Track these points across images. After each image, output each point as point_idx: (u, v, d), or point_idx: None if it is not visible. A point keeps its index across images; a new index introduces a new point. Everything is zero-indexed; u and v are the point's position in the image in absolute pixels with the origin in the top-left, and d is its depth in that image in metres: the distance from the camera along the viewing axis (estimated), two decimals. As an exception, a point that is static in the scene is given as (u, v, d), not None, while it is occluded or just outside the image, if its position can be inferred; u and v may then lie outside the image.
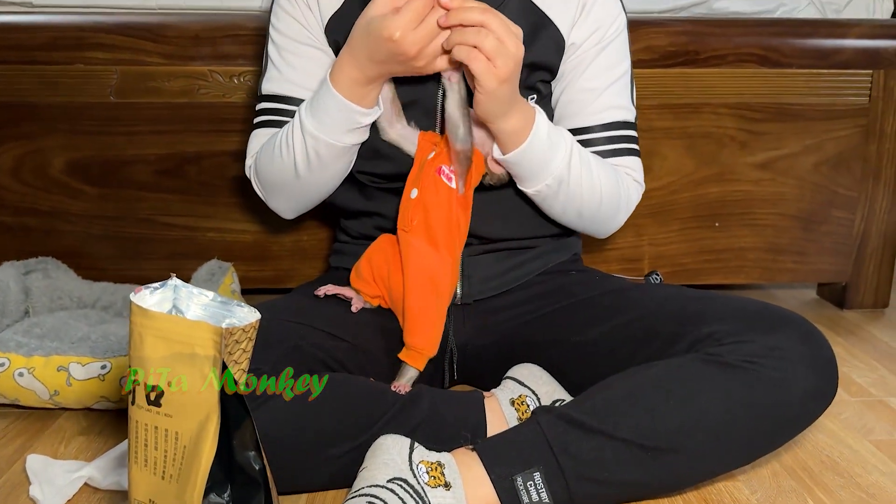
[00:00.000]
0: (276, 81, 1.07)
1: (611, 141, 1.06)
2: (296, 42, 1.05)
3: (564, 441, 0.84)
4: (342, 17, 1.03)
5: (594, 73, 1.05)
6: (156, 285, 0.69)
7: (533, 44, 1.01)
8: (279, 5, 1.07)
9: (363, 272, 1.02)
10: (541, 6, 1.02)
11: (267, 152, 1.05)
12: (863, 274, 1.56)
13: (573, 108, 1.06)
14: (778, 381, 0.84)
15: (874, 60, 1.46)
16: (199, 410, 0.61)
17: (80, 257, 1.45)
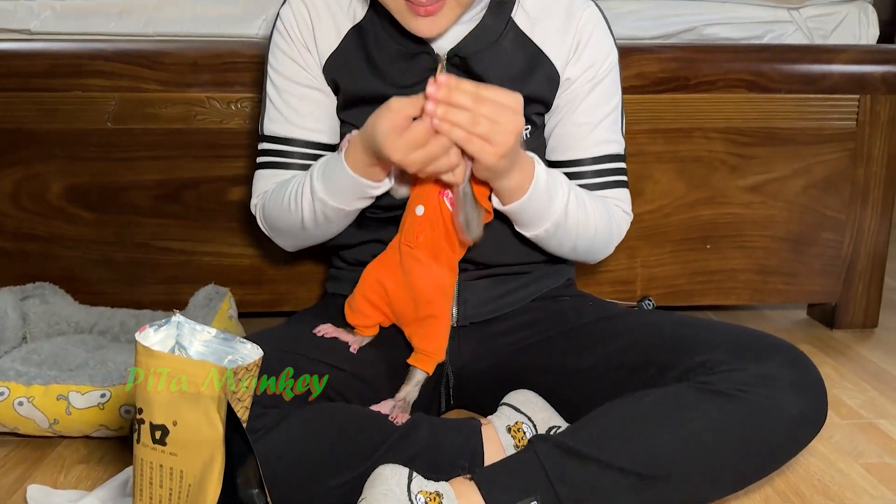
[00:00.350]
0: (277, 122, 1.08)
1: (601, 174, 1.09)
2: (295, 83, 1.07)
3: (561, 470, 0.85)
4: (340, 56, 1.05)
5: (587, 109, 1.07)
6: (159, 322, 0.70)
7: (529, 79, 1.04)
8: (277, 46, 1.08)
9: (358, 306, 1.03)
10: (537, 42, 1.05)
11: (275, 201, 1.07)
12: (852, 294, 1.58)
13: (566, 141, 1.08)
14: (768, 408, 0.86)
15: (861, 85, 1.49)
16: (204, 449, 0.62)
17: (77, 282, 1.45)
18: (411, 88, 1.03)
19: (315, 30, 1.06)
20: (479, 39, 1.02)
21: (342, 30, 1.05)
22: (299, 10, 1.06)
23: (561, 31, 1.05)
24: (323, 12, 1.06)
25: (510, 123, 0.86)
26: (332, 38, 1.05)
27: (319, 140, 1.09)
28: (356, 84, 1.05)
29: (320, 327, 1.04)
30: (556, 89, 1.07)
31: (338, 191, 0.98)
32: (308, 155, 1.09)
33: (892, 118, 1.51)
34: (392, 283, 1.01)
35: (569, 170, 1.10)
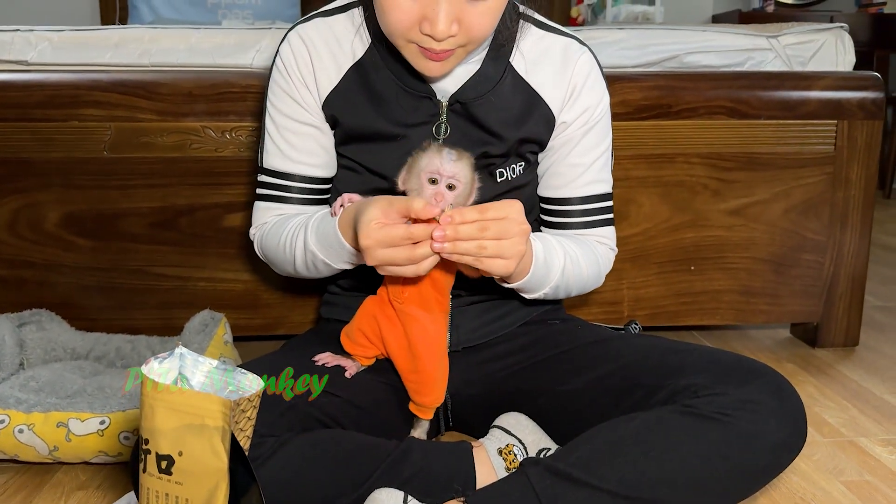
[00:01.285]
0: (275, 157, 1.11)
1: (589, 213, 1.14)
2: (293, 121, 1.10)
3: (553, 494, 0.88)
4: (340, 93, 1.07)
5: (581, 152, 1.11)
6: (163, 355, 0.73)
7: (526, 121, 1.08)
8: (276, 83, 1.10)
9: (356, 338, 1.06)
10: (534, 86, 1.08)
11: (272, 240, 1.10)
12: (833, 314, 1.62)
13: (558, 181, 1.13)
14: (751, 433, 0.89)
15: (838, 111, 1.54)
16: (209, 479, 0.65)
17: (73, 308, 1.47)
18: (413, 128, 1.06)
19: (315, 67, 1.07)
20: (479, 86, 1.06)
21: (342, 67, 1.07)
22: (298, 48, 1.08)
23: (557, 76, 1.09)
24: (322, 50, 1.07)
25: (517, 236, 0.90)
26: (333, 75, 1.07)
27: (316, 175, 1.12)
28: (357, 121, 1.07)
29: (319, 356, 1.07)
30: (552, 131, 1.10)
31: (328, 251, 1.01)
32: (306, 189, 1.12)
33: (869, 143, 1.56)
34: (389, 331, 1.03)
35: (559, 207, 1.14)
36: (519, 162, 1.10)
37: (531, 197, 1.14)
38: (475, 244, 0.88)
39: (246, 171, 1.44)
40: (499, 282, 1.04)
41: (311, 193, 1.12)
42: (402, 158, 1.05)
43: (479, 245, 0.88)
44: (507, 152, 1.09)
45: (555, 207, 1.15)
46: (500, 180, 1.09)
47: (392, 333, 1.03)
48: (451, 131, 1.06)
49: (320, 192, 1.13)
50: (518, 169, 1.10)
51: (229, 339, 1.36)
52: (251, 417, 0.69)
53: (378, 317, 1.03)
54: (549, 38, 1.10)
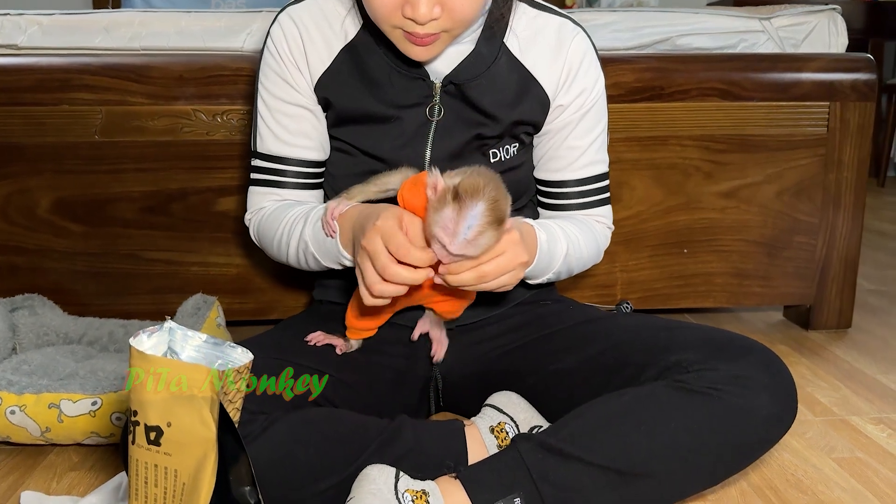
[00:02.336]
0: (269, 141, 1.11)
1: (587, 194, 1.14)
2: (286, 103, 1.09)
3: (544, 468, 0.88)
4: (332, 75, 1.07)
5: (578, 134, 1.11)
6: (152, 329, 0.72)
7: (520, 102, 1.07)
8: (267, 65, 1.10)
9: (362, 314, 1.03)
10: (528, 66, 1.08)
11: (269, 230, 1.10)
12: (826, 296, 1.63)
13: (556, 164, 1.13)
14: (741, 407, 0.89)
15: (831, 93, 1.54)
16: (198, 449, 0.65)
17: (66, 294, 1.47)
18: (406, 110, 1.06)
19: (306, 49, 1.07)
20: (473, 67, 1.05)
21: (334, 49, 1.07)
22: (290, 29, 1.07)
23: (551, 58, 1.08)
24: (314, 31, 1.07)
25: (515, 266, 0.89)
26: (324, 56, 1.07)
27: (311, 157, 1.11)
28: (349, 103, 1.07)
29: (311, 335, 1.07)
30: (547, 112, 1.10)
31: (324, 252, 1.02)
32: (301, 173, 1.12)
33: (862, 124, 1.56)
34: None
35: (556, 189, 1.15)
36: (513, 143, 1.10)
37: (525, 178, 1.14)
38: (474, 277, 0.87)
39: (238, 154, 1.44)
40: None
41: (306, 177, 1.12)
42: (395, 140, 1.05)
43: (480, 276, 0.87)
44: (501, 133, 1.08)
45: (552, 190, 1.14)
46: (494, 161, 1.09)
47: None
48: (445, 113, 1.06)
49: (315, 175, 1.13)
50: (512, 150, 1.10)
51: (222, 322, 1.36)
52: (240, 389, 0.69)
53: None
54: (543, 18, 1.09)
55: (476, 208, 0.84)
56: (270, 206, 1.12)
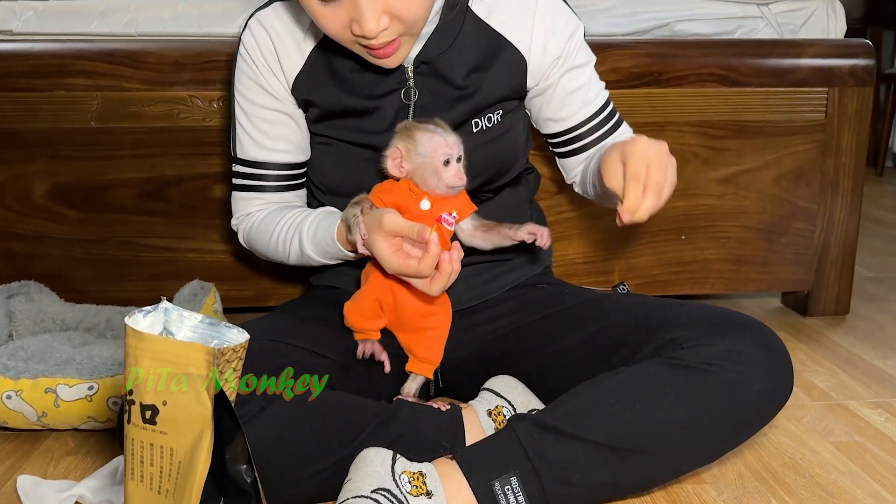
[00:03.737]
0: (248, 146, 1.11)
1: (602, 124, 1.15)
2: (263, 108, 1.09)
3: (539, 446, 0.88)
4: (307, 76, 1.07)
5: (578, 73, 1.11)
6: (147, 309, 0.72)
7: (492, 65, 1.06)
8: (242, 72, 1.10)
9: (366, 310, 1.04)
10: (496, 28, 1.07)
11: (262, 238, 1.12)
12: (824, 283, 1.63)
13: (567, 110, 1.13)
14: (735, 382, 0.89)
15: (829, 78, 1.54)
16: (194, 427, 0.65)
17: (62, 280, 1.47)
18: (383, 98, 1.06)
19: (278, 53, 1.07)
20: (440, 42, 1.05)
21: (305, 50, 1.07)
22: (260, 34, 1.07)
23: (521, 16, 1.07)
24: (283, 34, 1.07)
25: (668, 160, 0.94)
26: (297, 58, 1.07)
27: (290, 160, 1.12)
28: (327, 100, 1.07)
29: (363, 348, 1.05)
30: (524, 71, 1.09)
31: (325, 254, 1.06)
32: (281, 176, 1.13)
33: (860, 110, 1.55)
34: (401, 293, 1.03)
35: (574, 134, 1.15)
36: (496, 110, 1.09)
37: (514, 145, 1.13)
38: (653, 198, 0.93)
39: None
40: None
41: (286, 180, 1.13)
42: (377, 128, 1.06)
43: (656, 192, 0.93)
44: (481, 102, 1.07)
45: (572, 135, 1.14)
46: (476, 130, 1.08)
47: (402, 293, 1.02)
48: (421, 93, 1.06)
49: (295, 177, 1.14)
50: (495, 117, 1.09)
51: (219, 309, 1.35)
52: (236, 369, 0.69)
53: (390, 281, 1.02)
54: None
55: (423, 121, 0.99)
56: (257, 212, 1.14)
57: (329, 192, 1.13)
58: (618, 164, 0.93)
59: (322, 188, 1.14)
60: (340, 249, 1.02)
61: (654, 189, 0.91)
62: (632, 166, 0.91)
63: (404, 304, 1.03)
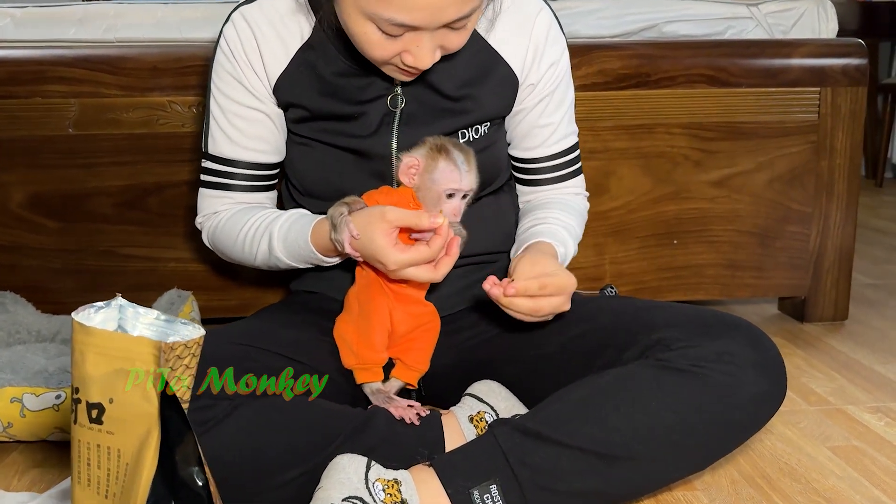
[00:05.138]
0: (220, 143, 1.08)
1: (561, 167, 1.13)
2: (240, 105, 1.06)
3: (520, 452, 0.84)
4: (290, 77, 1.03)
5: (551, 110, 1.09)
6: (100, 304, 0.69)
7: (484, 81, 1.04)
8: (221, 66, 1.06)
9: (377, 341, 0.99)
10: (494, 45, 1.04)
11: (228, 237, 1.07)
12: (821, 288, 1.59)
13: (530, 142, 1.11)
14: (727, 385, 0.85)
15: (821, 78, 1.51)
16: (140, 425, 0.61)
17: (39, 291, 1.44)
18: (369, 104, 1.02)
19: (262, 51, 1.03)
20: None
21: (290, 49, 1.03)
22: (243, 30, 1.03)
23: (517, 34, 1.05)
24: (268, 32, 1.03)
25: (565, 305, 0.94)
26: (281, 58, 1.03)
27: (264, 161, 1.09)
28: (310, 103, 1.04)
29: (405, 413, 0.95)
30: (516, 93, 1.07)
31: (297, 258, 1.02)
32: (251, 176, 1.09)
33: (854, 110, 1.52)
34: (393, 305, 0.99)
35: (531, 165, 1.13)
36: (483, 123, 1.07)
37: (499, 157, 1.11)
38: (529, 307, 0.92)
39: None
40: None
41: (256, 180, 1.09)
42: (360, 133, 1.03)
43: (535, 308, 0.92)
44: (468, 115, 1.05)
45: (528, 166, 1.13)
46: (463, 141, 1.05)
47: (400, 315, 1.00)
48: (408, 101, 1.03)
49: (267, 177, 1.11)
50: (483, 129, 1.07)
51: (196, 317, 1.32)
52: (190, 366, 0.66)
53: (385, 295, 0.99)
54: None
55: (457, 148, 0.97)
56: (224, 211, 1.10)
57: (307, 195, 1.10)
58: (529, 268, 0.93)
59: (301, 189, 1.11)
60: (313, 252, 0.98)
61: (534, 310, 0.92)
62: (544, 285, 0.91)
63: (398, 324, 1.00)
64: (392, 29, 0.87)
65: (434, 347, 1.04)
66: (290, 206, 1.12)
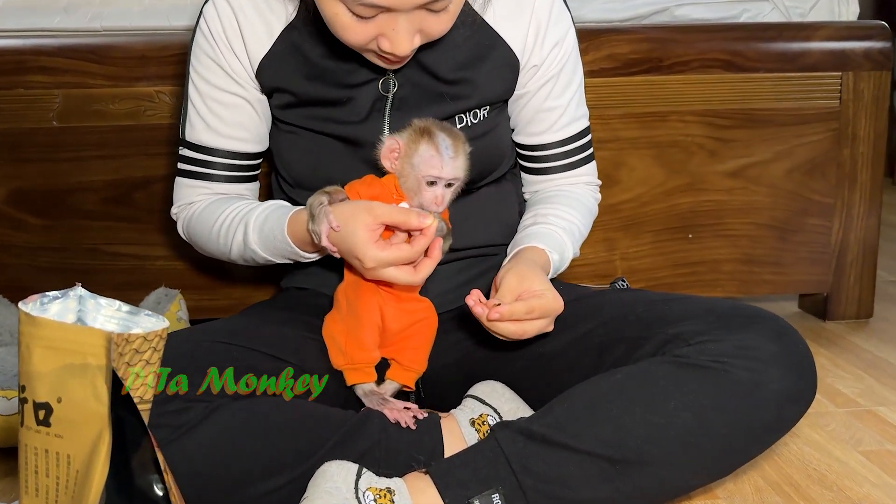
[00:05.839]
0: (199, 130, 1.01)
1: (570, 154, 1.06)
2: (220, 91, 0.99)
3: (524, 457, 0.77)
4: (275, 59, 0.97)
5: (556, 93, 1.02)
6: (55, 294, 0.62)
7: (482, 63, 0.97)
8: (199, 47, 1.00)
9: (367, 340, 0.92)
10: (491, 23, 0.98)
11: (203, 228, 1.01)
12: (844, 284, 1.51)
13: (535, 127, 1.04)
14: (750, 382, 0.78)
15: (842, 62, 1.43)
16: (91, 428, 0.54)
17: (24, 291, 1.34)
18: (358, 88, 0.96)
19: (243, 32, 0.97)
20: None
21: (274, 30, 0.97)
22: (224, 9, 0.97)
23: (517, 12, 0.98)
24: (250, 12, 0.97)
25: (552, 321, 0.88)
26: (264, 39, 0.97)
27: (245, 150, 1.02)
28: (296, 88, 0.97)
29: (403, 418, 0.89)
30: (517, 75, 1.00)
31: (273, 251, 0.95)
32: (231, 166, 1.03)
33: (877, 95, 1.45)
34: (386, 305, 0.93)
35: (539, 153, 1.06)
36: (482, 106, 1.00)
37: (500, 142, 1.04)
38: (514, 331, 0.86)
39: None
40: None
41: (237, 170, 1.03)
42: (349, 119, 0.96)
43: (521, 332, 0.86)
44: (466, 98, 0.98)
45: (534, 153, 1.06)
46: (461, 126, 0.98)
47: (386, 305, 0.93)
48: (401, 84, 0.96)
49: (247, 168, 1.04)
50: (481, 113, 1.00)
51: (184, 316, 1.25)
52: (151, 361, 0.58)
53: (379, 295, 0.92)
54: None
55: (444, 132, 0.89)
56: (201, 201, 1.03)
57: (297, 186, 1.03)
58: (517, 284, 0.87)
59: (290, 181, 1.04)
60: (290, 245, 0.92)
61: (519, 333, 0.86)
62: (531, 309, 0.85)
63: (390, 321, 0.93)
64: (362, 10, 0.81)
65: (431, 346, 0.97)
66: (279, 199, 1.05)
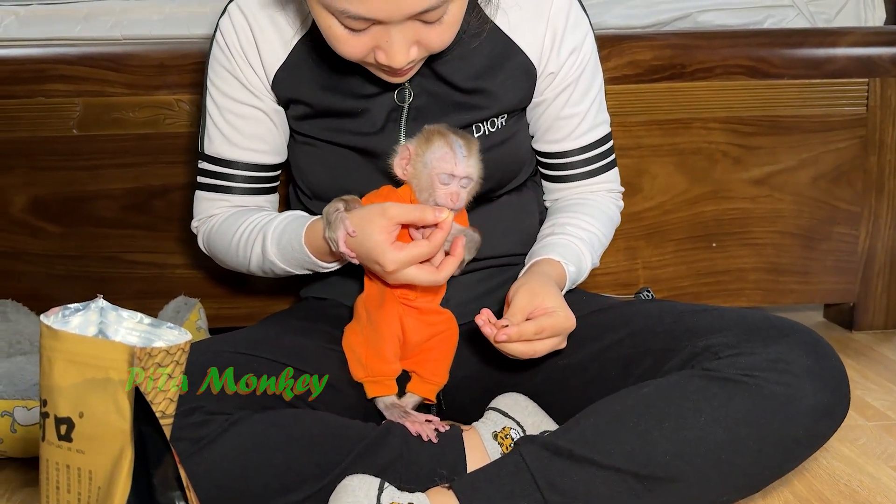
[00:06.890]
0: (218, 143, 1.01)
1: (591, 161, 1.05)
2: (238, 103, 0.99)
3: (550, 473, 0.76)
4: (290, 70, 0.97)
5: (575, 99, 1.01)
6: (77, 306, 0.61)
7: (498, 71, 0.96)
8: (217, 60, 1.00)
9: (388, 352, 0.91)
10: (506, 31, 0.97)
11: (222, 241, 1.01)
12: (871, 293, 1.48)
13: (554, 134, 1.03)
14: (783, 396, 0.76)
15: (869, 68, 1.41)
16: (113, 444, 0.53)
17: (41, 299, 1.37)
18: (373, 99, 0.96)
19: (258, 44, 0.97)
20: None
21: (289, 41, 0.97)
22: (239, 22, 0.97)
23: (534, 19, 0.97)
24: (265, 23, 0.96)
25: (565, 338, 0.87)
26: (279, 50, 0.97)
27: (264, 161, 1.02)
28: (311, 98, 0.97)
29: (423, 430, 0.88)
30: (534, 83, 0.99)
31: (291, 261, 0.95)
32: (251, 178, 1.02)
33: (905, 102, 1.42)
34: (406, 317, 0.92)
35: (559, 161, 1.05)
36: (500, 115, 0.98)
37: (520, 150, 1.02)
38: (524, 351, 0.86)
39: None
40: None
41: (256, 182, 1.03)
42: (365, 130, 0.96)
43: (532, 351, 0.86)
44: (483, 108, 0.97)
45: (555, 161, 1.04)
46: (479, 135, 0.97)
47: (412, 323, 0.92)
48: (417, 94, 0.95)
49: (267, 179, 1.04)
50: (499, 122, 0.98)
51: (203, 325, 1.25)
52: (173, 375, 0.57)
53: (401, 315, 0.91)
54: None
55: (456, 134, 0.89)
56: (220, 214, 1.03)
57: (315, 197, 1.02)
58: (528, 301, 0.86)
59: (308, 192, 1.03)
60: (307, 255, 0.91)
61: (530, 353, 0.85)
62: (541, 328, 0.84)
63: (411, 333, 0.92)
64: (352, 23, 0.80)
65: (452, 358, 0.96)
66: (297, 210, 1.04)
